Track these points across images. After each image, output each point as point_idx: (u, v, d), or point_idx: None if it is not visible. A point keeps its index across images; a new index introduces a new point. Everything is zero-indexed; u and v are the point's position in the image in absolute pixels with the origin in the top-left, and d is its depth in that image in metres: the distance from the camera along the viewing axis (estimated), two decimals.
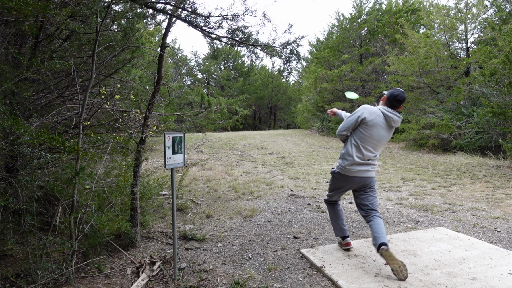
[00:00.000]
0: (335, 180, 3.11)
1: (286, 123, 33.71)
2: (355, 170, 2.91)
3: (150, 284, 2.59)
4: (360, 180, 2.95)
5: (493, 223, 4.02)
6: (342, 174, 2.99)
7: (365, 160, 2.90)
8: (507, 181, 6.50)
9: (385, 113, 2.89)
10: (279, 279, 2.65)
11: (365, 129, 2.87)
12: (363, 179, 2.95)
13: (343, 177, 2.99)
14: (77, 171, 2.77)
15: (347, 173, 2.94)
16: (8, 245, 3.06)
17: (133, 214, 3.28)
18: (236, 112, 6.19)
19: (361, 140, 2.89)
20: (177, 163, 2.71)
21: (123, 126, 4.22)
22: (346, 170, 2.93)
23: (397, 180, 7.00)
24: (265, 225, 4.06)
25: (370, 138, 2.87)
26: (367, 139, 2.88)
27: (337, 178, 3.06)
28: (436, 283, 2.47)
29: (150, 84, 6.87)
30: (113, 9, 3.79)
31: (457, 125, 10.81)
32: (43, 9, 2.49)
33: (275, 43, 4.15)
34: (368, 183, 2.99)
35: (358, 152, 2.89)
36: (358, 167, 2.90)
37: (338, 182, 3.08)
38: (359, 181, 2.96)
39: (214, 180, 6.87)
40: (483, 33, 13.09)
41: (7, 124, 2.30)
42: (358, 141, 2.90)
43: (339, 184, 3.08)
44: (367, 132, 2.87)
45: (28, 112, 3.47)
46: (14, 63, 3.35)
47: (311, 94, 21.08)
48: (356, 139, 2.91)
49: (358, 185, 3.00)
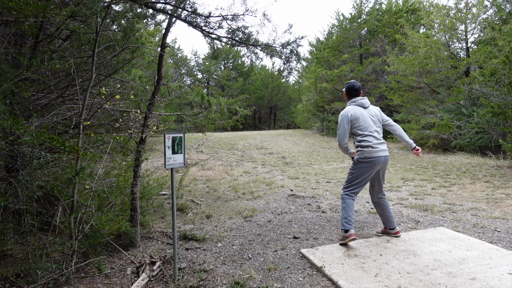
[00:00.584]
0: (361, 168, 3.27)
1: (286, 123, 33.71)
2: (379, 149, 3.24)
3: (150, 284, 2.59)
4: (385, 159, 3.27)
5: (493, 223, 4.02)
6: (368, 158, 3.23)
7: (379, 139, 3.30)
8: (507, 181, 6.50)
9: (355, 104, 3.39)
10: (279, 279, 2.65)
11: (355, 122, 3.28)
12: (387, 157, 3.30)
13: (370, 161, 3.23)
14: (77, 171, 2.77)
15: (374, 154, 3.22)
16: (8, 245, 3.06)
17: (133, 214, 3.28)
18: (236, 112, 6.19)
19: (362, 130, 3.28)
20: (177, 163, 2.71)
21: (123, 126, 4.22)
22: (372, 151, 3.22)
23: (397, 180, 7.00)
24: (265, 225, 4.06)
25: (364, 123, 3.29)
26: (363, 125, 3.29)
27: (363, 163, 3.25)
28: (436, 283, 2.47)
29: (150, 84, 6.87)
30: (113, 9, 3.79)
31: (457, 125, 10.81)
32: (43, 9, 2.49)
33: (275, 43, 4.15)
34: (387, 162, 3.35)
35: (369, 138, 3.26)
36: (380, 146, 3.26)
37: (364, 169, 3.26)
38: (385, 160, 3.27)
39: (214, 180, 6.87)
40: (483, 33, 13.09)
41: (7, 124, 2.30)
42: (360, 132, 3.28)
43: (365, 170, 3.27)
44: (358, 122, 3.28)
45: (28, 112, 3.47)
46: (14, 63, 3.35)
47: (311, 94, 21.09)
48: (358, 134, 3.29)
49: (384, 166, 3.32)
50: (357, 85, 3.46)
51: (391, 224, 3.45)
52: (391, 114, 16.09)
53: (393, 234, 3.47)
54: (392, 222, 3.45)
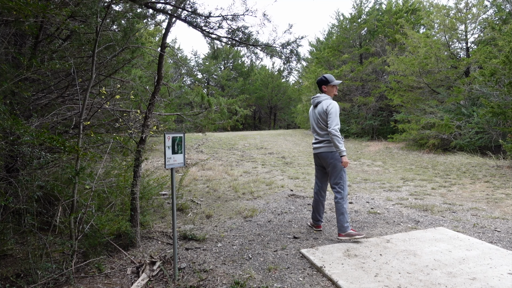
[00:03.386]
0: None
1: (286, 123, 33.70)
2: (313, 147, 3.76)
3: (150, 284, 2.59)
4: (319, 155, 3.69)
5: (493, 223, 4.02)
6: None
7: (316, 138, 3.71)
8: (507, 181, 6.50)
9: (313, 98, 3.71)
10: (279, 279, 2.65)
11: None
12: (320, 154, 3.66)
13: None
14: (77, 171, 2.77)
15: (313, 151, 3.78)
16: (8, 245, 3.06)
17: (133, 214, 3.28)
18: (236, 112, 6.19)
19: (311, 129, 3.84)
20: (177, 163, 2.71)
21: (123, 126, 4.22)
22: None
23: (397, 180, 7.00)
24: (265, 225, 4.06)
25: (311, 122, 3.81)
26: (311, 124, 3.81)
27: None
28: (436, 283, 2.47)
29: (150, 84, 6.87)
30: (113, 9, 3.79)
31: (457, 125, 10.81)
32: (43, 9, 2.49)
33: (275, 43, 4.14)
34: (323, 158, 3.68)
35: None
36: (314, 145, 3.74)
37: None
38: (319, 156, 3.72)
39: (214, 180, 6.87)
40: (483, 33, 13.09)
41: (7, 124, 2.30)
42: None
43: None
44: (309, 121, 3.82)
45: (28, 112, 3.47)
46: (14, 63, 3.35)
47: (311, 94, 21.07)
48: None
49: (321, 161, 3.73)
50: (318, 80, 3.69)
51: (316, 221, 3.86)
52: (391, 114, 16.11)
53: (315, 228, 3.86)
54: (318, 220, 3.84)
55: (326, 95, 3.63)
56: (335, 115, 3.42)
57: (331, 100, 3.54)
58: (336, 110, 3.45)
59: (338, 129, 3.40)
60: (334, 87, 3.65)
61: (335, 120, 3.40)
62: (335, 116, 3.42)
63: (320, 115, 3.53)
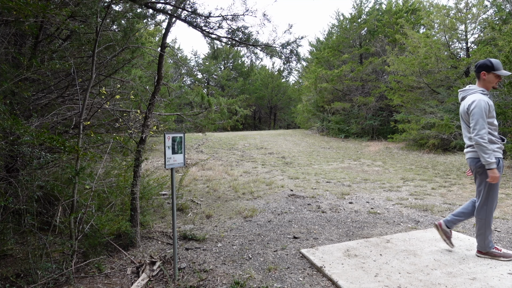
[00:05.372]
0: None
1: (286, 123, 33.70)
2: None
3: (150, 284, 2.59)
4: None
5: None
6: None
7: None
8: (507, 181, 6.50)
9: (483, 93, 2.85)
10: (279, 279, 2.65)
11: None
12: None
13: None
14: (77, 171, 2.77)
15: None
16: (8, 245, 3.06)
17: (133, 214, 3.28)
18: (236, 112, 6.19)
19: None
20: (177, 163, 2.71)
21: (123, 126, 4.22)
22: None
23: (397, 180, 7.00)
24: (265, 225, 4.06)
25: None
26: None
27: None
28: (436, 283, 2.47)
29: (150, 84, 6.87)
30: (113, 9, 3.79)
31: (457, 125, 10.80)
32: (43, 9, 2.49)
33: (275, 43, 4.15)
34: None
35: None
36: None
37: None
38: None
39: (214, 180, 6.87)
40: (483, 33, 13.09)
41: (7, 124, 2.30)
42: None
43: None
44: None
45: (28, 112, 3.47)
46: (14, 63, 3.35)
47: (311, 94, 21.08)
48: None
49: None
50: (479, 63, 2.88)
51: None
52: (391, 114, 16.11)
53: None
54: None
55: (477, 87, 2.87)
56: (479, 116, 2.66)
57: (478, 95, 2.76)
58: (481, 110, 2.67)
59: (484, 135, 2.65)
60: (498, 77, 2.82)
61: (479, 123, 2.66)
62: (479, 117, 2.66)
63: (463, 115, 2.85)
